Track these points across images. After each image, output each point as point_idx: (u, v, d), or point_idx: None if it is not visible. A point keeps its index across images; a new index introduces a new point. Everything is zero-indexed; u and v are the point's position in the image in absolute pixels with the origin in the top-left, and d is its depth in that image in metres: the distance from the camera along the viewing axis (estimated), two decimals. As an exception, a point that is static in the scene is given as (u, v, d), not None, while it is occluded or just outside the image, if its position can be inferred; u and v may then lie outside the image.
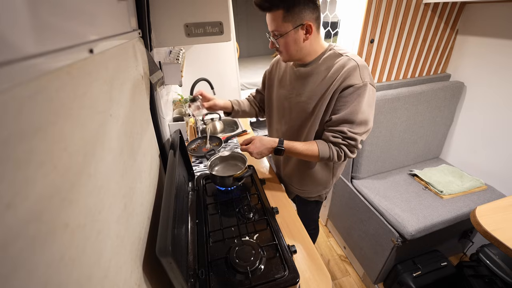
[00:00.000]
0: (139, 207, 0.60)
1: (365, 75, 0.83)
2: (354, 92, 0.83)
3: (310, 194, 1.18)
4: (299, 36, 0.83)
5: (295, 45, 0.85)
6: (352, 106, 0.84)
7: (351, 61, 0.84)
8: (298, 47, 0.86)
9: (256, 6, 0.82)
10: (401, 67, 1.52)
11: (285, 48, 0.86)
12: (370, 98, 0.85)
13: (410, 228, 1.23)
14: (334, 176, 1.12)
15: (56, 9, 0.35)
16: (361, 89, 0.83)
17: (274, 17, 0.81)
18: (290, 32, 0.82)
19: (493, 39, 1.37)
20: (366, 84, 0.83)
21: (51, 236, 0.27)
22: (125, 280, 0.45)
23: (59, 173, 0.30)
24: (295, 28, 0.81)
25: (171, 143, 0.91)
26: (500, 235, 0.83)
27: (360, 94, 0.83)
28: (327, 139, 0.91)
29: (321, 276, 0.78)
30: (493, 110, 1.44)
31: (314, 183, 1.11)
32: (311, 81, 0.91)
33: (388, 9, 1.29)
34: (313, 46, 0.87)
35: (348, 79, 0.83)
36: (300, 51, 0.87)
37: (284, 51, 0.87)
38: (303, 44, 0.85)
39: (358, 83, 0.82)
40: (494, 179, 1.48)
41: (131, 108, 0.63)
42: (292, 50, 0.86)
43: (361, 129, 0.87)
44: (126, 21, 0.72)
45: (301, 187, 1.15)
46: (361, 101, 0.83)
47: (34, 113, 0.27)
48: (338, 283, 1.63)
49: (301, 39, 0.84)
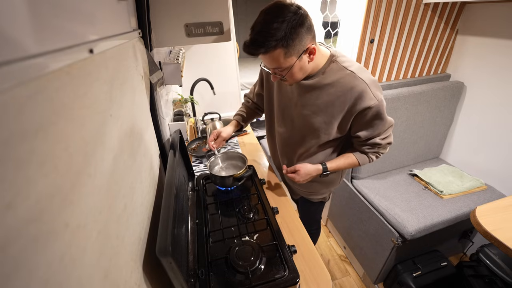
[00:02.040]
0: (139, 207, 0.60)
1: (376, 91, 0.82)
2: (374, 113, 0.84)
3: (317, 196, 1.18)
4: (304, 62, 0.79)
5: (301, 70, 0.81)
6: (378, 123, 0.87)
7: (358, 80, 0.81)
8: (304, 71, 0.82)
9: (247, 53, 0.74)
10: (401, 67, 1.52)
11: (291, 77, 0.82)
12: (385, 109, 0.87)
13: (410, 228, 1.23)
14: (341, 177, 1.14)
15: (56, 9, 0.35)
16: (378, 106, 0.82)
17: (273, 57, 0.74)
18: (295, 64, 0.77)
19: (493, 39, 1.37)
20: (381, 100, 0.83)
21: (52, 236, 0.27)
22: (125, 280, 0.45)
23: (60, 173, 0.30)
24: (299, 57, 0.76)
25: (171, 143, 0.91)
26: (500, 235, 0.83)
27: (379, 111, 0.84)
28: (363, 151, 0.96)
29: (321, 276, 0.78)
30: (493, 110, 1.44)
31: (322, 184, 1.13)
32: (314, 95, 0.88)
33: (388, 9, 1.29)
34: (316, 61, 0.83)
35: (362, 102, 0.81)
36: (306, 72, 0.84)
37: (290, 79, 0.83)
38: (308, 66, 0.82)
39: (374, 103, 0.81)
40: (494, 179, 1.48)
41: (131, 108, 0.63)
42: (298, 76, 0.83)
43: (390, 131, 0.93)
44: (126, 21, 0.72)
45: (307, 189, 1.16)
46: (383, 116, 0.86)
47: (35, 113, 0.27)
48: (338, 283, 1.63)
49: (306, 63, 0.80)
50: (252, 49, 0.72)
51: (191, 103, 1.72)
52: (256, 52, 0.73)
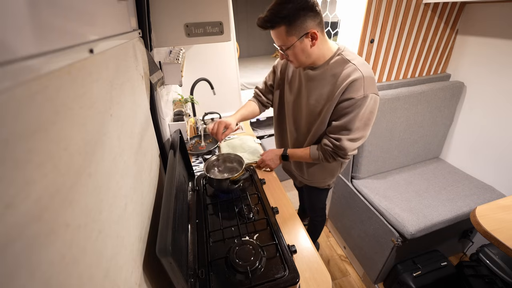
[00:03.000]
0: (139, 207, 0.60)
1: (369, 86, 0.86)
2: (354, 104, 0.87)
3: (319, 184, 1.25)
4: (305, 45, 0.85)
5: (304, 53, 0.87)
6: (351, 116, 0.89)
7: (357, 72, 0.86)
8: (307, 54, 0.88)
9: (258, 27, 0.86)
10: (401, 67, 1.52)
11: (295, 57, 0.89)
12: (370, 107, 0.89)
13: (410, 228, 1.24)
14: (342, 167, 1.20)
15: (56, 9, 0.35)
16: (360, 101, 0.86)
17: (278, 33, 0.84)
18: (296, 43, 0.84)
19: (493, 39, 1.37)
20: (366, 96, 0.86)
21: (52, 236, 0.27)
22: (125, 280, 0.45)
23: (60, 173, 0.30)
24: (300, 39, 0.83)
25: (171, 143, 0.91)
26: (500, 235, 0.83)
27: (359, 105, 0.87)
28: (321, 144, 1.02)
29: (321, 276, 0.78)
30: (493, 110, 1.44)
31: (322, 172, 1.19)
32: (319, 85, 0.95)
33: (388, 9, 1.29)
34: (321, 50, 0.90)
35: (350, 91, 0.87)
36: (309, 57, 0.89)
37: (294, 60, 0.91)
38: (311, 50, 0.87)
39: (359, 96, 0.86)
40: (494, 179, 1.48)
41: (131, 108, 0.63)
42: (301, 58, 0.89)
43: (360, 134, 0.93)
44: (126, 21, 0.72)
45: (309, 177, 1.22)
46: (359, 112, 0.88)
47: (35, 113, 0.27)
48: (338, 283, 1.63)
49: (308, 47, 0.86)
50: (262, 23, 0.84)
51: (191, 103, 1.72)
52: (264, 25, 0.84)
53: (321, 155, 1.02)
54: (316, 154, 1.03)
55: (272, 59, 3.45)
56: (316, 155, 1.03)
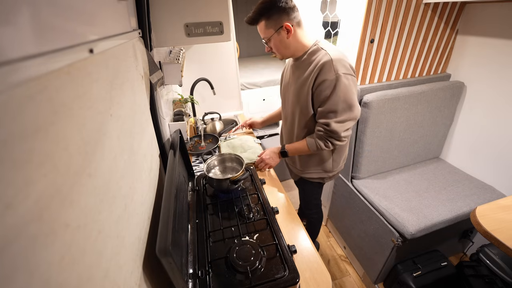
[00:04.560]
0: (139, 207, 0.60)
1: (339, 66, 0.93)
2: (329, 85, 0.95)
3: (312, 175, 1.27)
4: (282, 37, 0.97)
5: (281, 44, 0.99)
6: (332, 98, 0.96)
7: (326, 56, 0.95)
8: (285, 45, 1.00)
9: (247, 24, 1.00)
10: (401, 67, 1.52)
11: (275, 48, 1.02)
12: (347, 86, 0.95)
13: (410, 228, 1.23)
14: (334, 160, 1.22)
15: (56, 9, 0.35)
16: (335, 80, 0.93)
17: (260, 27, 0.98)
18: (274, 35, 0.97)
19: (493, 39, 1.36)
20: (339, 75, 0.93)
21: (52, 236, 0.27)
22: (125, 280, 0.45)
23: (59, 173, 0.30)
24: (277, 31, 0.96)
25: (171, 143, 0.91)
26: (500, 235, 0.83)
27: (334, 86, 0.94)
28: (315, 133, 1.07)
29: (321, 276, 0.78)
30: (493, 110, 1.44)
31: (314, 164, 1.23)
32: (300, 74, 1.05)
33: (388, 9, 1.29)
34: (299, 42, 1.01)
35: (322, 74, 0.95)
36: (287, 48, 1.01)
37: (276, 51, 1.04)
38: (288, 42, 0.99)
39: (331, 77, 0.94)
40: (494, 179, 1.48)
41: (131, 108, 0.63)
42: (281, 48, 1.01)
43: (346, 115, 0.99)
44: (126, 21, 0.72)
45: (302, 167, 1.26)
46: (338, 91, 0.95)
47: (34, 113, 0.27)
48: (338, 283, 1.63)
49: (284, 38, 0.98)
50: (249, 20, 0.98)
51: (191, 103, 1.72)
52: (250, 22, 0.98)
53: (317, 142, 1.06)
54: (313, 142, 1.07)
55: (272, 59, 3.45)
56: (313, 143, 1.07)
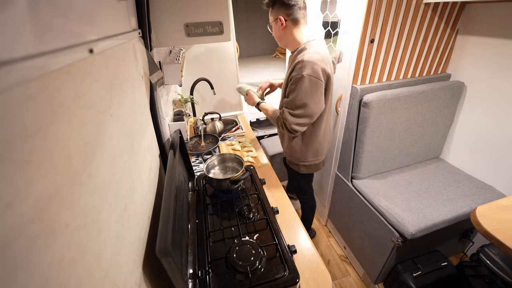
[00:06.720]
0: (139, 207, 0.60)
1: (306, 68, 1.05)
2: (294, 82, 1.08)
3: (292, 160, 1.40)
4: (278, 26, 1.13)
5: (277, 32, 1.16)
6: (293, 93, 1.10)
7: (303, 56, 1.07)
8: (280, 35, 1.16)
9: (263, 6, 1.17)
10: (401, 67, 1.52)
11: (274, 33, 1.19)
12: (307, 87, 1.07)
13: (411, 228, 1.23)
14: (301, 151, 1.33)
15: (56, 9, 0.35)
16: (299, 79, 1.06)
17: (269, 13, 1.17)
18: (273, 23, 1.15)
19: (493, 39, 1.36)
20: (303, 76, 1.05)
21: (52, 236, 0.27)
22: (125, 280, 0.45)
23: (59, 173, 0.30)
24: (275, 20, 1.13)
25: (171, 143, 0.91)
26: (500, 235, 0.83)
27: (297, 83, 1.07)
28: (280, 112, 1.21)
29: (321, 276, 0.78)
30: (493, 110, 1.44)
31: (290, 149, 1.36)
32: (287, 69, 1.19)
33: (388, 9, 1.29)
34: (291, 38, 1.14)
35: (294, 71, 1.09)
36: (282, 38, 1.17)
37: (274, 36, 1.20)
38: (282, 33, 1.14)
39: (298, 76, 1.06)
40: (494, 179, 1.47)
41: (131, 108, 0.63)
42: (277, 36, 1.18)
43: (299, 112, 1.11)
44: (126, 21, 0.72)
45: (286, 148, 1.41)
46: (299, 89, 1.08)
47: (35, 113, 0.27)
48: (338, 283, 1.63)
49: (280, 28, 1.13)
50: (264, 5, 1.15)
51: (191, 103, 1.72)
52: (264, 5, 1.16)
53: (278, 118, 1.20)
54: (277, 114, 1.22)
55: (272, 59, 3.45)
56: (276, 114, 1.22)
